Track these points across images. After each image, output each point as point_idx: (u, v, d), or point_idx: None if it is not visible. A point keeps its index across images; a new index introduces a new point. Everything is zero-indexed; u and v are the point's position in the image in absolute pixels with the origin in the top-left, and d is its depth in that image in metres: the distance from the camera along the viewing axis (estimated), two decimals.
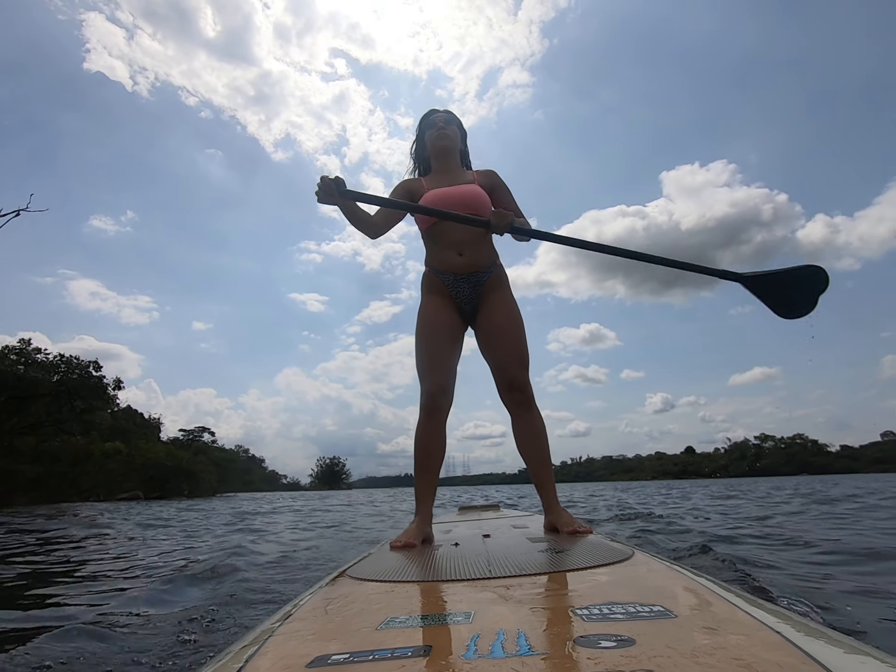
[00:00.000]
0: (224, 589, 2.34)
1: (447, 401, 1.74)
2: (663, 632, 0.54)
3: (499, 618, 0.64)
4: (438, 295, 1.84)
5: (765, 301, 1.66)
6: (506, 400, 1.78)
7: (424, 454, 1.72)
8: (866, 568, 2.28)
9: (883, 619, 1.52)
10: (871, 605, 1.67)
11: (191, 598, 2.21)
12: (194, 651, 1.51)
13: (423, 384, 1.75)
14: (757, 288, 1.68)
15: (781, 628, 0.54)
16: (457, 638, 0.57)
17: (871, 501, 6.79)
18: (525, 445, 1.75)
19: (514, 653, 0.51)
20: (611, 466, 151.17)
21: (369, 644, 0.58)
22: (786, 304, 1.65)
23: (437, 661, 0.50)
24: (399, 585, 0.94)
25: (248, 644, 0.65)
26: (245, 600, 2.11)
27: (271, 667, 0.55)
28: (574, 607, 0.66)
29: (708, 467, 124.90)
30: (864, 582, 1.99)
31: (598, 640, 0.52)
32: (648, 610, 0.62)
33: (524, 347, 1.78)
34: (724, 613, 0.61)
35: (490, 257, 1.86)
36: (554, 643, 0.53)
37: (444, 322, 1.79)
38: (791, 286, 1.64)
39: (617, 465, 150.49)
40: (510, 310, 1.82)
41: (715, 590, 0.74)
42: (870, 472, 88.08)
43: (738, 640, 0.51)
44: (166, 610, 2.01)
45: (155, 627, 1.76)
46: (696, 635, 0.53)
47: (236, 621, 1.80)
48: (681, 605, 0.65)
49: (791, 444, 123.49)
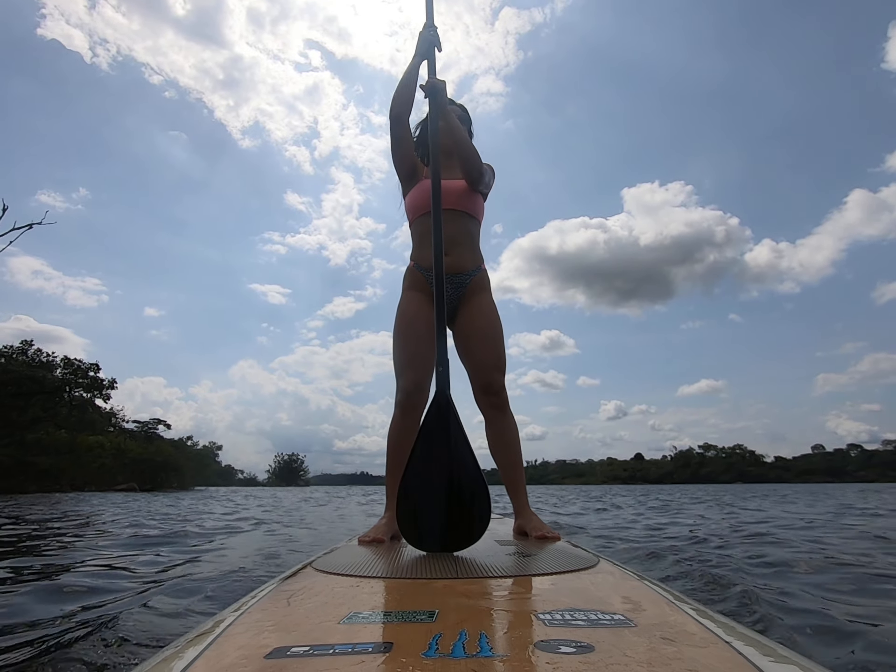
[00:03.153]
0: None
1: (423, 399, 1.72)
2: (622, 640, 0.55)
3: (462, 618, 0.65)
4: (420, 292, 1.83)
5: None
6: (481, 403, 1.78)
7: (397, 451, 1.70)
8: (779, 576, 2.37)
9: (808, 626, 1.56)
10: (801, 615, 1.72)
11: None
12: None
13: (399, 381, 1.74)
14: None
15: (736, 643, 0.55)
16: (419, 636, 0.57)
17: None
18: (497, 449, 1.76)
19: (474, 654, 0.51)
20: (564, 470, 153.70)
21: (330, 638, 0.58)
22: None
23: (397, 658, 0.50)
24: (364, 581, 0.94)
25: (205, 632, 0.64)
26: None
27: (228, 657, 0.54)
28: (537, 612, 0.67)
29: (655, 473, 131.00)
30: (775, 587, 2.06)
31: (558, 644, 0.53)
32: (609, 618, 0.63)
33: (502, 352, 1.79)
34: (683, 625, 0.62)
35: (475, 261, 1.86)
36: (515, 646, 0.53)
37: (424, 319, 1.75)
38: None
39: (570, 468, 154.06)
40: (490, 314, 1.82)
41: (674, 601, 0.75)
42: (797, 483, 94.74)
43: (694, 651, 0.52)
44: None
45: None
46: (654, 645, 0.54)
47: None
48: (641, 615, 0.66)
49: (731, 453, 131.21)
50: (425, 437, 1.28)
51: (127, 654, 1.33)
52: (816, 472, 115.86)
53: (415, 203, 1.87)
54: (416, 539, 1.28)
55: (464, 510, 1.25)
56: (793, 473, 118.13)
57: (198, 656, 0.55)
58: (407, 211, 1.92)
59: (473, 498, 1.25)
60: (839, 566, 2.41)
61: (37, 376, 28.18)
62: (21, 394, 27.10)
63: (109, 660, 1.27)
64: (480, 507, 1.25)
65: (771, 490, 26.85)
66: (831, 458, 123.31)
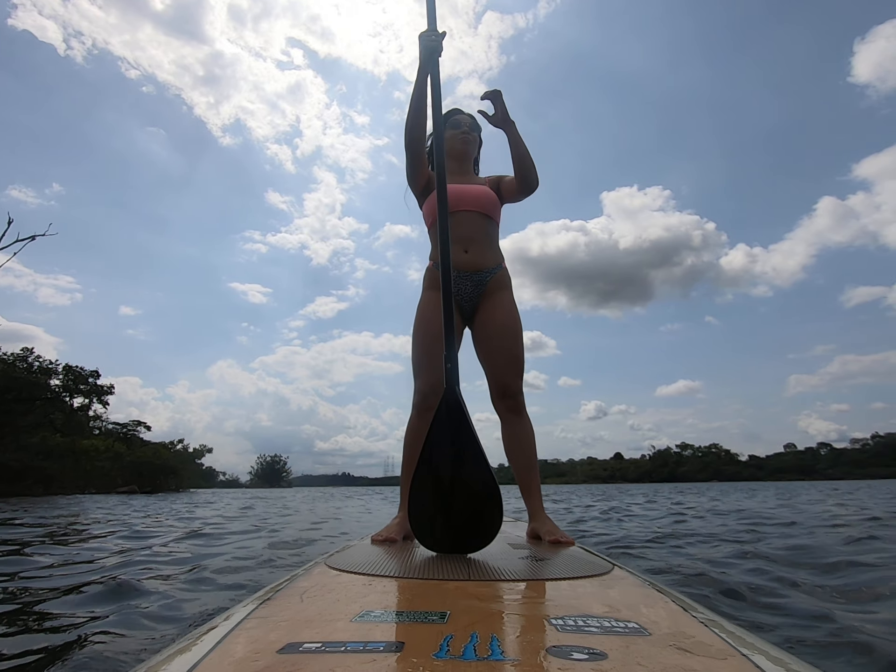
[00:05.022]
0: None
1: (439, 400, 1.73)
2: (636, 648, 0.54)
3: (474, 620, 0.64)
4: (439, 291, 1.83)
5: None
6: (498, 405, 1.77)
7: (413, 453, 1.70)
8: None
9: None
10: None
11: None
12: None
13: (416, 382, 1.74)
14: None
15: (754, 657, 0.54)
16: (430, 637, 0.57)
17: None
18: (513, 451, 1.75)
19: (485, 657, 0.51)
20: (545, 470, 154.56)
21: (342, 635, 0.58)
22: None
23: (408, 657, 0.50)
24: (377, 579, 0.94)
25: (217, 626, 0.65)
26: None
27: (241, 651, 0.55)
28: (549, 617, 0.66)
29: (634, 473, 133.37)
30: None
31: (570, 651, 0.52)
32: (623, 626, 0.62)
33: (521, 354, 1.78)
34: (698, 635, 0.61)
35: (496, 259, 1.86)
36: (526, 650, 0.53)
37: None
38: None
39: (551, 468, 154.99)
40: (511, 311, 1.81)
41: (690, 611, 0.74)
42: (769, 481, 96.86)
43: (710, 663, 0.51)
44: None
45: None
46: (668, 655, 0.53)
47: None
48: (655, 624, 0.65)
49: (707, 452, 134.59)
50: (435, 436, 1.27)
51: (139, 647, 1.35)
52: (788, 471, 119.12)
53: (433, 207, 1.88)
54: (427, 540, 1.27)
55: (475, 511, 1.23)
56: (766, 472, 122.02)
57: (211, 650, 0.55)
58: (425, 216, 1.94)
59: (485, 499, 1.23)
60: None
61: (39, 382, 29.18)
62: (22, 399, 27.89)
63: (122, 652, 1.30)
64: (492, 508, 1.23)
65: (747, 488, 27.37)
66: (802, 457, 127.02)
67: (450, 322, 1.40)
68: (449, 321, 1.40)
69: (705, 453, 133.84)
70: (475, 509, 1.24)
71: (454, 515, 1.24)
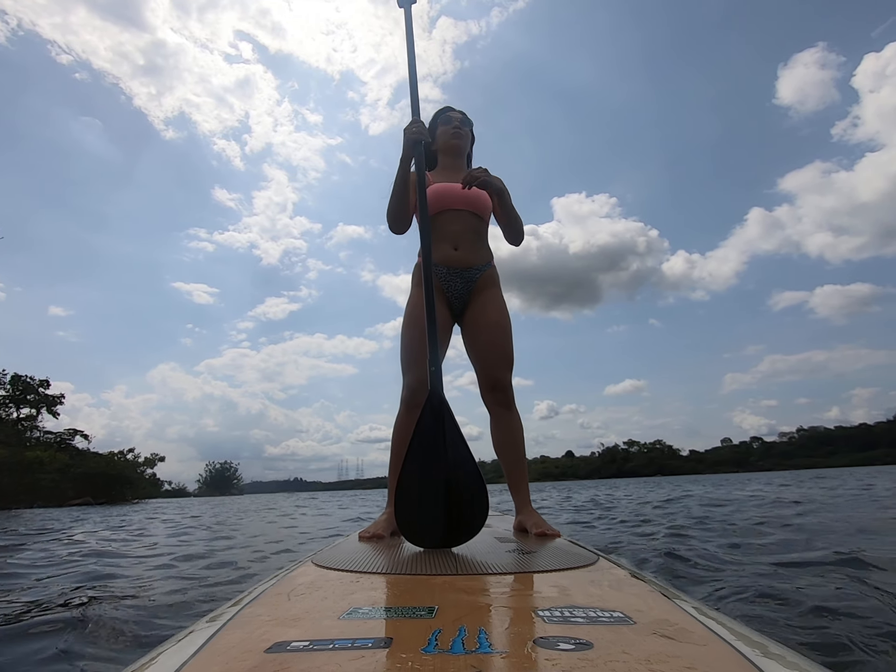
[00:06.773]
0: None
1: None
2: (621, 637, 0.55)
3: (461, 614, 0.65)
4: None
5: None
6: (487, 399, 1.78)
7: (402, 448, 1.70)
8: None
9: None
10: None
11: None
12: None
13: (405, 378, 1.74)
14: None
15: (735, 642, 0.55)
16: (418, 632, 0.57)
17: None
18: (502, 445, 1.76)
19: (473, 650, 0.51)
20: (499, 469, 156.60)
21: (330, 633, 0.58)
22: None
23: (396, 653, 0.50)
24: (364, 576, 0.94)
25: (205, 626, 0.65)
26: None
27: (228, 651, 0.55)
28: (536, 609, 0.67)
29: (584, 469, 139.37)
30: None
31: (557, 642, 0.53)
32: (608, 615, 0.63)
33: (510, 348, 1.79)
34: (682, 623, 0.62)
35: (485, 257, 1.88)
36: (514, 642, 0.53)
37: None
38: None
39: None
40: (500, 308, 1.83)
41: (674, 599, 0.75)
42: (707, 473, 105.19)
43: (693, 649, 0.52)
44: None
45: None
46: (653, 643, 0.54)
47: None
48: (640, 613, 0.66)
49: (652, 448, 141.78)
50: (420, 436, 1.29)
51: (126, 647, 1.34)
52: (725, 464, 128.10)
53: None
54: (414, 536, 1.28)
55: (462, 506, 1.25)
56: (705, 465, 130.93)
57: (198, 650, 0.55)
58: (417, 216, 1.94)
59: (471, 493, 1.25)
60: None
61: None
62: None
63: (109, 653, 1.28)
64: (478, 502, 1.25)
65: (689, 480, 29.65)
66: (737, 450, 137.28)
67: (433, 328, 1.41)
68: (432, 327, 1.41)
69: (650, 449, 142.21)
70: (460, 504, 1.25)
71: (440, 511, 1.25)
